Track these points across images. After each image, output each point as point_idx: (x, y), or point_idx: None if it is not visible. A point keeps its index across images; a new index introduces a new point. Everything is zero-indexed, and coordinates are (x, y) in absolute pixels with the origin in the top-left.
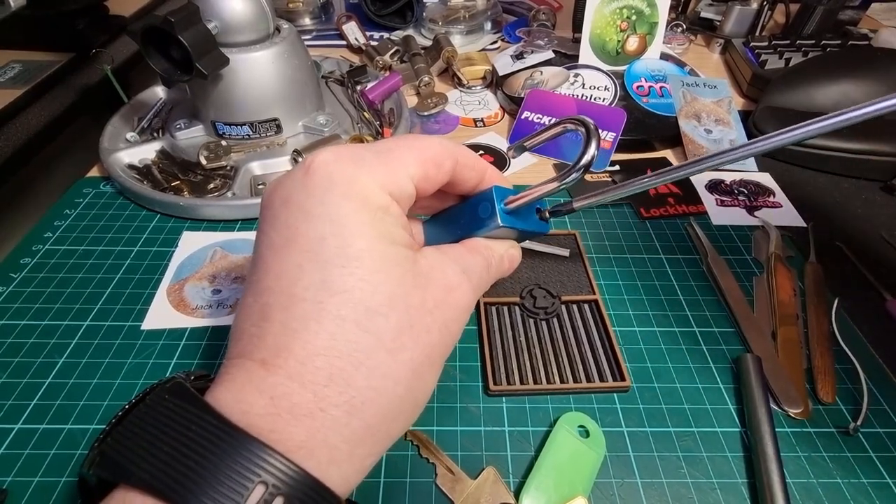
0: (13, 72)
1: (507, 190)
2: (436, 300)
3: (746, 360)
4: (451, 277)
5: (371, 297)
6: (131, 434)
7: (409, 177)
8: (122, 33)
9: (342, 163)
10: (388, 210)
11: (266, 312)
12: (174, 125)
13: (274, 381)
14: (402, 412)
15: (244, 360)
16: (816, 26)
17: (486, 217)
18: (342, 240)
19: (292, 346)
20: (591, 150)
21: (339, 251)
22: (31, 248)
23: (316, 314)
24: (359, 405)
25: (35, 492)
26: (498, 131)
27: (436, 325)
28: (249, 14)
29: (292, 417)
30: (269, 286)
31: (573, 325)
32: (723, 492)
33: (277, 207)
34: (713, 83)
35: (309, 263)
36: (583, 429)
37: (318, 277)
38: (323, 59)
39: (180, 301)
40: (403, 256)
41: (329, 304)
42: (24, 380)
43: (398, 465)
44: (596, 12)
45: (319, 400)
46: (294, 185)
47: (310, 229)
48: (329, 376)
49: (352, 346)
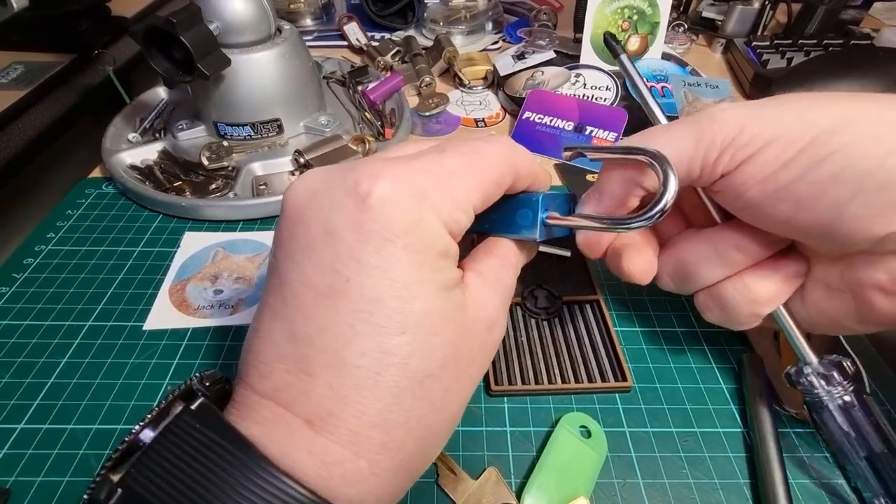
0: (16, 73)
1: (554, 198)
2: (480, 345)
3: (748, 361)
4: (492, 313)
5: (429, 364)
6: (160, 468)
7: (472, 206)
8: (123, 34)
9: (404, 200)
10: (447, 254)
11: (306, 365)
12: (176, 126)
13: (324, 446)
14: (437, 453)
15: (282, 409)
16: (818, 26)
17: (525, 226)
18: (402, 303)
19: (344, 413)
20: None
21: (398, 316)
22: (34, 248)
23: (372, 385)
24: (405, 464)
25: (37, 492)
26: (499, 131)
27: (476, 370)
28: (251, 15)
29: (345, 483)
30: (310, 336)
31: (575, 326)
32: (725, 492)
33: (317, 236)
34: (715, 83)
35: (363, 326)
36: (584, 429)
37: (374, 344)
38: (324, 59)
39: (182, 301)
40: (456, 307)
41: (387, 375)
42: (26, 380)
43: None
44: (597, 12)
45: (373, 466)
46: (344, 218)
47: (364, 285)
48: (383, 445)
49: (406, 415)
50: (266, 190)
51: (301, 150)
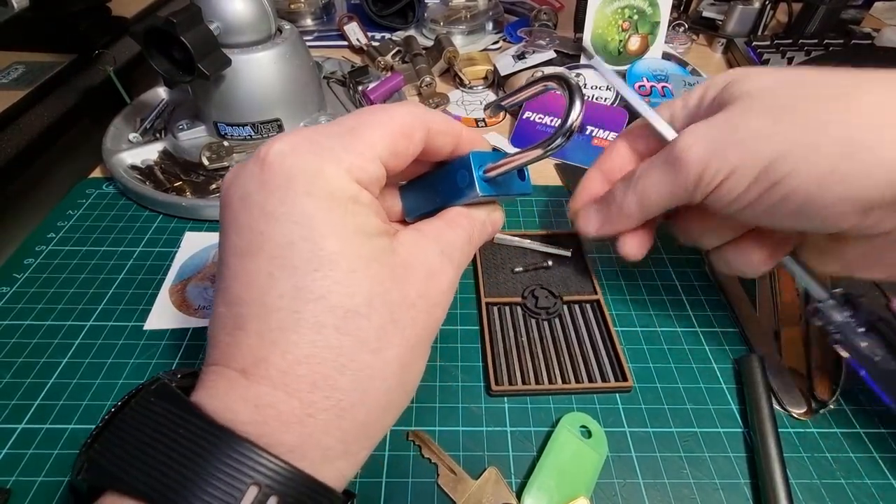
0: (16, 73)
1: (487, 154)
2: (418, 290)
3: (749, 361)
4: (432, 261)
5: (349, 299)
6: (119, 439)
7: (378, 157)
8: (124, 34)
9: (300, 153)
10: (357, 200)
11: (239, 322)
12: (176, 126)
13: (257, 391)
14: (394, 404)
15: (222, 367)
16: (819, 25)
17: (465, 186)
18: (312, 242)
19: (271, 356)
20: (576, 112)
21: (310, 255)
22: (35, 248)
23: (293, 323)
24: (348, 407)
25: (38, 492)
26: (499, 131)
27: (420, 316)
28: (251, 15)
29: (280, 425)
30: (240, 295)
31: (575, 325)
32: (725, 492)
33: (236, 207)
34: None
35: (279, 271)
36: (585, 429)
37: (290, 285)
38: (324, 59)
39: (182, 301)
40: (380, 249)
41: (305, 311)
42: (27, 380)
43: (400, 465)
44: (597, 12)
45: (306, 406)
46: (251, 182)
47: (275, 233)
48: (313, 383)
49: (334, 351)
50: None
51: None
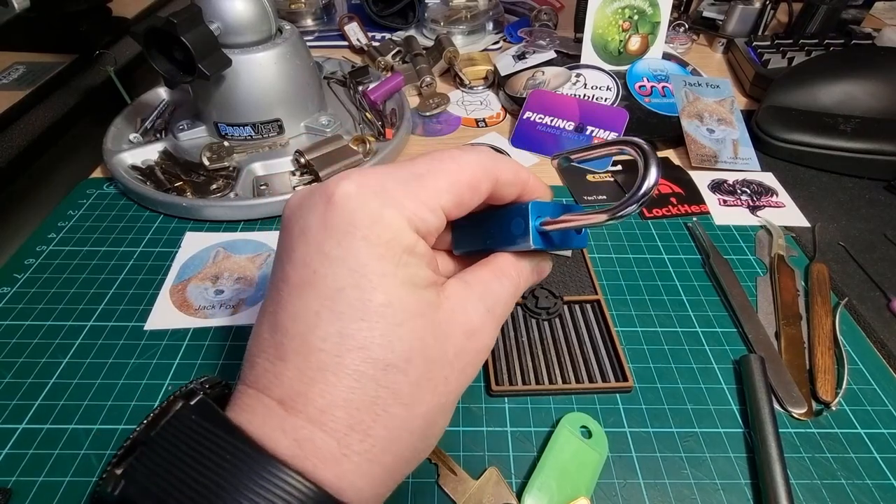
0: (17, 73)
1: (547, 205)
2: (456, 349)
3: (749, 361)
4: (474, 319)
5: (390, 353)
6: (160, 458)
7: (441, 206)
8: (124, 35)
9: (365, 197)
10: (413, 251)
11: (280, 352)
12: (177, 126)
13: (295, 423)
14: (416, 454)
15: (260, 394)
16: (819, 25)
17: (518, 235)
18: (361, 292)
19: (310, 393)
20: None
21: (359, 303)
22: (35, 248)
23: (333, 367)
24: (378, 453)
25: (39, 492)
26: (500, 131)
27: (454, 375)
28: (251, 15)
29: (319, 461)
30: (285, 325)
31: (575, 326)
32: (726, 493)
33: (295, 238)
34: (716, 83)
35: (326, 312)
36: (585, 429)
37: (335, 329)
38: (325, 59)
39: (183, 301)
40: (426, 303)
41: (347, 358)
42: (28, 380)
43: None
44: (598, 12)
45: (343, 447)
46: (312, 216)
47: (328, 275)
48: (350, 426)
49: (370, 400)
50: (267, 190)
51: (302, 150)
